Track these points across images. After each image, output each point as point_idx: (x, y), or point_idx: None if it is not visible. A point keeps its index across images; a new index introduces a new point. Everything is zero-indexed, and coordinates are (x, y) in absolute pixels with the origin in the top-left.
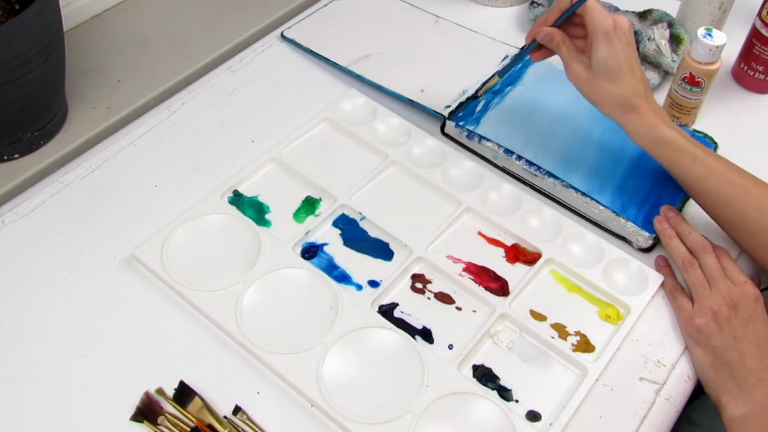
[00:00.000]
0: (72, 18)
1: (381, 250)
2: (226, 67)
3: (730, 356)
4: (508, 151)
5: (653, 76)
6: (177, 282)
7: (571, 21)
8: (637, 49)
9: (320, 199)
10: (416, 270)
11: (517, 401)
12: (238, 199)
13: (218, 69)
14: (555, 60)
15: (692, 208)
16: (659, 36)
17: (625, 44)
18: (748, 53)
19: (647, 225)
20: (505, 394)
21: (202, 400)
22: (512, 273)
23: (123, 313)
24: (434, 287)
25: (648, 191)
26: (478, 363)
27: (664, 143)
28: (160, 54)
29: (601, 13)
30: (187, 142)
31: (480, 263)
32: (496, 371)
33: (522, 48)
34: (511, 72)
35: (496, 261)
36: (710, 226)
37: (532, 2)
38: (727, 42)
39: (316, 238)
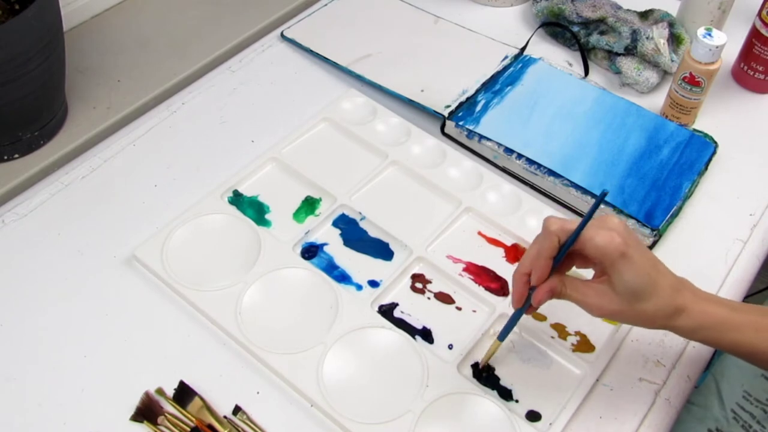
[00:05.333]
0: (72, 18)
1: (381, 250)
2: (226, 67)
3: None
4: (509, 150)
5: (652, 75)
6: (177, 282)
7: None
8: (635, 47)
9: (320, 199)
10: (416, 270)
11: (517, 401)
12: (238, 199)
13: (218, 69)
14: (554, 60)
15: (683, 222)
16: (658, 35)
17: (638, 248)
18: (748, 53)
19: (648, 222)
20: (505, 394)
21: (202, 400)
22: (512, 273)
23: (123, 313)
24: (434, 287)
25: (648, 189)
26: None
27: (721, 325)
28: (160, 54)
29: (602, 235)
30: (187, 142)
31: (480, 263)
32: (496, 371)
33: (516, 311)
34: (509, 74)
35: (496, 261)
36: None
37: None
38: (727, 42)
39: (316, 238)
